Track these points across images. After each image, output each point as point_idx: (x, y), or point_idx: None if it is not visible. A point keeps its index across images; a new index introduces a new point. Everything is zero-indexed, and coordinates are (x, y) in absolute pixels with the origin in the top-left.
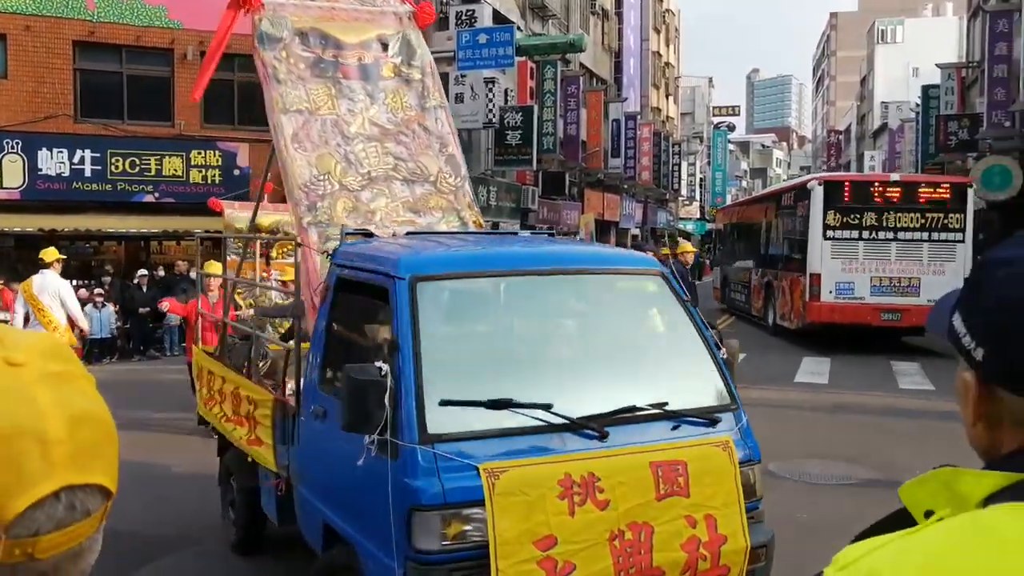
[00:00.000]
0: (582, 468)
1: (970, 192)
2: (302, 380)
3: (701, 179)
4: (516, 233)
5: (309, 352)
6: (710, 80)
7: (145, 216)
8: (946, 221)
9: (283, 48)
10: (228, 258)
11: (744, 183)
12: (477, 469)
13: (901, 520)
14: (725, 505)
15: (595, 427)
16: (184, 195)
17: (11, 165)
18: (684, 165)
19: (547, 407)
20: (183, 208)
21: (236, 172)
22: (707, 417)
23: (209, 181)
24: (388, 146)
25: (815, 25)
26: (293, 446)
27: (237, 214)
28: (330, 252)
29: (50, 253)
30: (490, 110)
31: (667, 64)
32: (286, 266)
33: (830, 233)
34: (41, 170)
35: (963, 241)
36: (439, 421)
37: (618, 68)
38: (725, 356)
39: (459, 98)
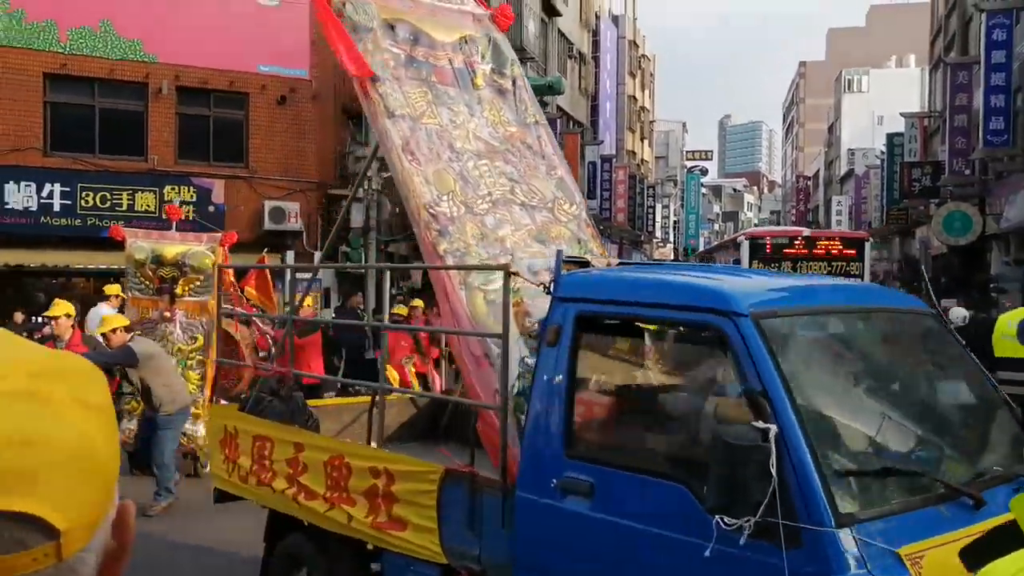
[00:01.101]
0: None
1: (867, 244)
2: (515, 446)
3: (675, 221)
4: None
5: (531, 410)
6: (684, 125)
7: (114, 252)
8: (848, 268)
9: (372, 40)
10: (129, 294)
11: (716, 226)
12: (898, 555)
13: (1010, 533)
14: None
15: (972, 492)
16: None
17: None
18: (659, 207)
19: (933, 470)
20: None
21: (211, 208)
22: None
23: (183, 217)
24: (498, 165)
25: (785, 73)
26: (497, 530)
27: (139, 244)
28: (546, 284)
29: (111, 288)
30: None
31: (642, 108)
32: (192, 304)
33: None
34: (8, 204)
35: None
36: (844, 495)
37: (594, 111)
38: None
39: None
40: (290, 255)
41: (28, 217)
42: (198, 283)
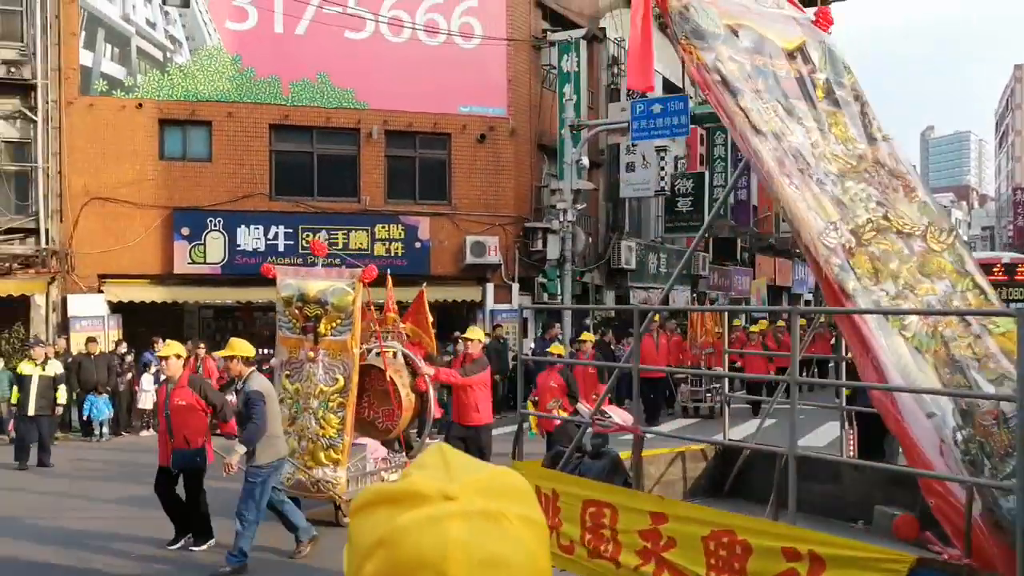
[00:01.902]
0: None
1: None
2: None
3: None
4: None
5: None
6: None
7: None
8: None
9: (720, 45)
10: (280, 333)
11: None
12: None
13: None
14: None
15: None
16: None
17: (214, 242)
18: None
19: None
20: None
21: (417, 245)
22: None
23: (392, 254)
24: (862, 187)
25: (997, 79)
26: None
27: (288, 281)
28: None
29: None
30: (661, 178)
31: None
32: (333, 344)
33: None
34: (239, 246)
35: None
36: None
37: None
38: None
39: (630, 167)
40: (489, 287)
41: (256, 257)
42: (338, 322)
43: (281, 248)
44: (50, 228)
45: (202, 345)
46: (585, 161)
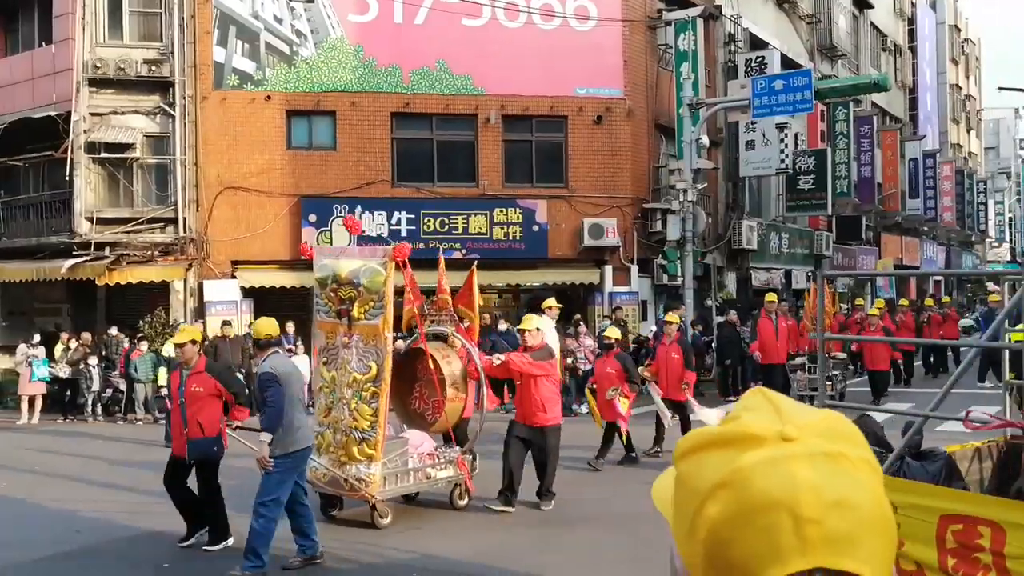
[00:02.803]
0: None
1: None
2: None
3: (1011, 218)
4: None
5: None
6: (1016, 111)
7: (452, 272)
8: None
9: None
10: (317, 317)
11: None
12: None
13: None
14: None
15: None
16: (487, 251)
17: (339, 228)
18: (991, 204)
19: None
20: (486, 264)
21: (535, 228)
22: None
23: (511, 237)
24: None
25: None
26: None
27: (323, 262)
28: None
29: (549, 302)
30: (783, 156)
31: (967, 97)
32: (367, 329)
33: None
34: (364, 231)
35: None
36: None
37: (913, 105)
38: None
39: (749, 145)
40: (608, 270)
41: (380, 242)
42: (371, 305)
43: (403, 233)
44: (187, 217)
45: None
46: (705, 140)
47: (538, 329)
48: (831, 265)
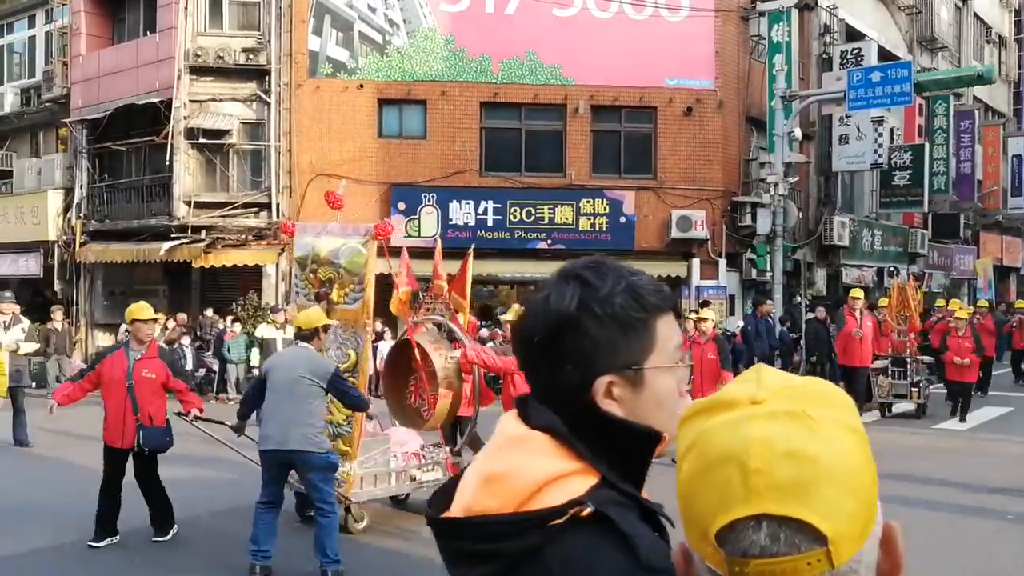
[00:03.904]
0: None
1: None
2: None
3: None
4: None
5: None
6: None
7: (538, 262)
8: None
9: None
10: (296, 300)
11: None
12: None
13: None
14: None
15: None
16: (573, 242)
17: (427, 217)
18: None
19: None
20: (572, 255)
21: (622, 219)
22: None
23: (597, 228)
24: None
25: None
26: None
27: (303, 239)
28: None
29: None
30: (877, 150)
31: None
32: (347, 314)
33: None
34: (451, 220)
35: None
36: None
37: (1017, 99)
38: None
39: (843, 139)
40: (695, 263)
41: (467, 231)
42: (351, 288)
43: (490, 223)
44: (280, 203)
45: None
46: (798, 133)
47: None
48: (926, 264)
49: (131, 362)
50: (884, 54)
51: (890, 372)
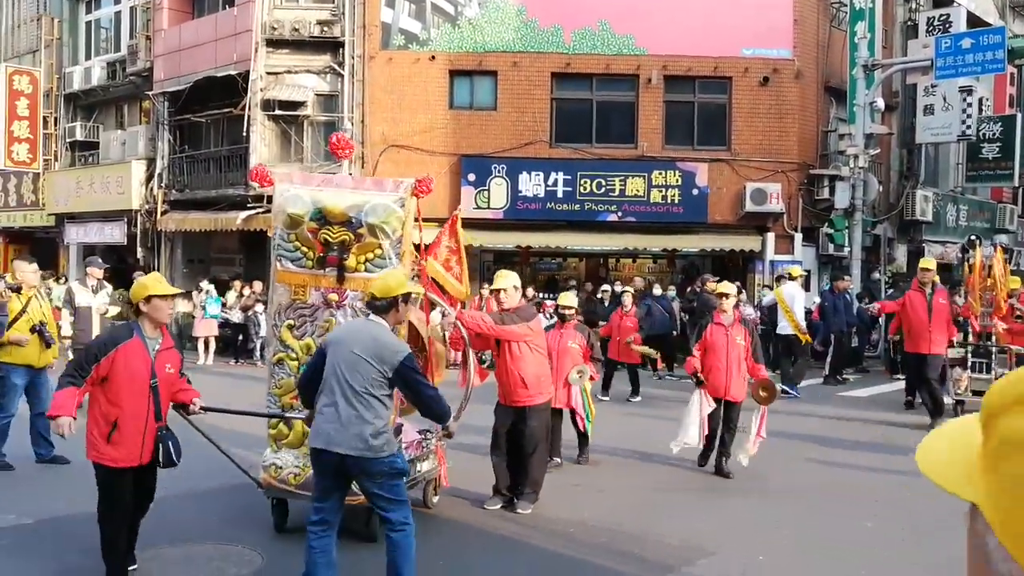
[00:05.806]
0: None
1: None
2: None
3: None
4: None
5: None
6: None
7: (608, 234)
8: None
9: None
10: (278, 265)
11: None
12: None
13: None
14: None
15: None
16: (644, 214)
17: (497, 188)
18: None
19: None
20: (642, 227)
21: (695, 192)
22: None
23: (669, 200)
24: None
25: None
26: None
27: (295, 193)
28: None
29: (795, 271)
30: (965, 121)
31: None
32: (368, 284)
33: None
34: (521, 192)
35: None
36: None
37: None
38: None
39: (928, 110)
40: (770, 237)
41: (537, 203)
42: (376, 253)
43: (559, 195)
44: (353, 173)
45: (485, 285)
46: (880, 103)
47: (515, 287)
48: (1015, 241)
49: (152, 355)
50: (973, 20)
51: (970, 364)
